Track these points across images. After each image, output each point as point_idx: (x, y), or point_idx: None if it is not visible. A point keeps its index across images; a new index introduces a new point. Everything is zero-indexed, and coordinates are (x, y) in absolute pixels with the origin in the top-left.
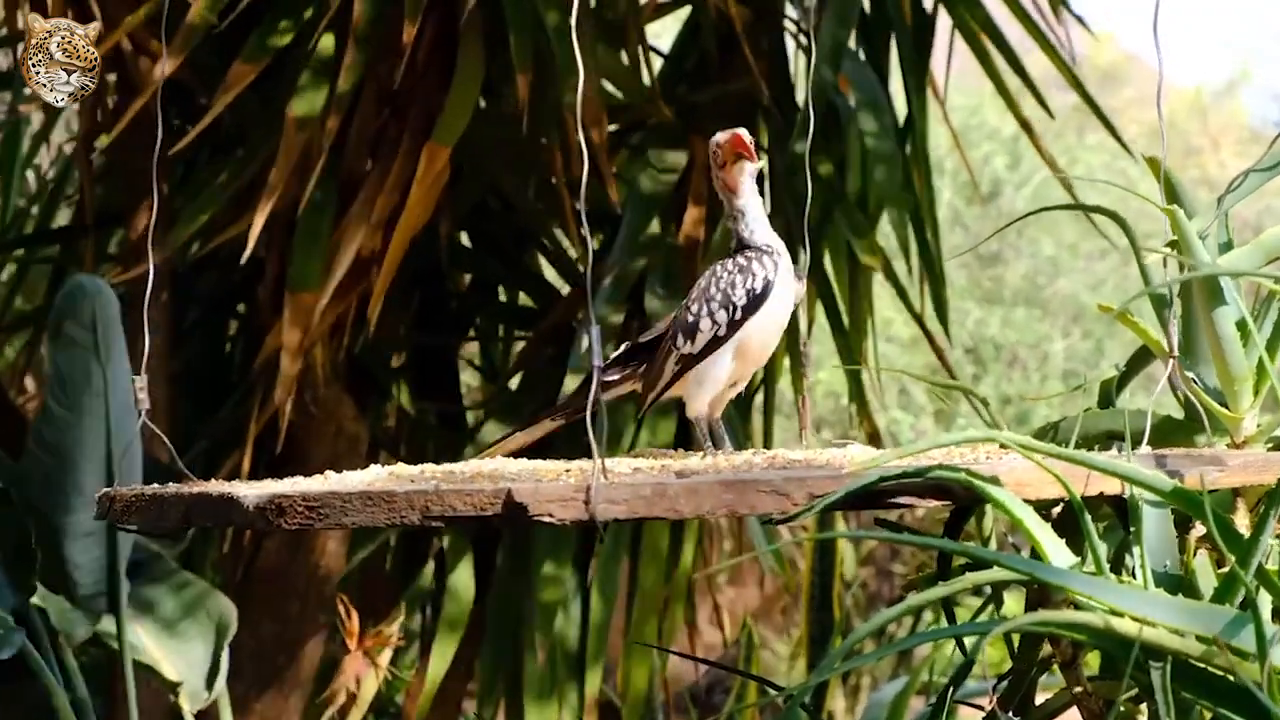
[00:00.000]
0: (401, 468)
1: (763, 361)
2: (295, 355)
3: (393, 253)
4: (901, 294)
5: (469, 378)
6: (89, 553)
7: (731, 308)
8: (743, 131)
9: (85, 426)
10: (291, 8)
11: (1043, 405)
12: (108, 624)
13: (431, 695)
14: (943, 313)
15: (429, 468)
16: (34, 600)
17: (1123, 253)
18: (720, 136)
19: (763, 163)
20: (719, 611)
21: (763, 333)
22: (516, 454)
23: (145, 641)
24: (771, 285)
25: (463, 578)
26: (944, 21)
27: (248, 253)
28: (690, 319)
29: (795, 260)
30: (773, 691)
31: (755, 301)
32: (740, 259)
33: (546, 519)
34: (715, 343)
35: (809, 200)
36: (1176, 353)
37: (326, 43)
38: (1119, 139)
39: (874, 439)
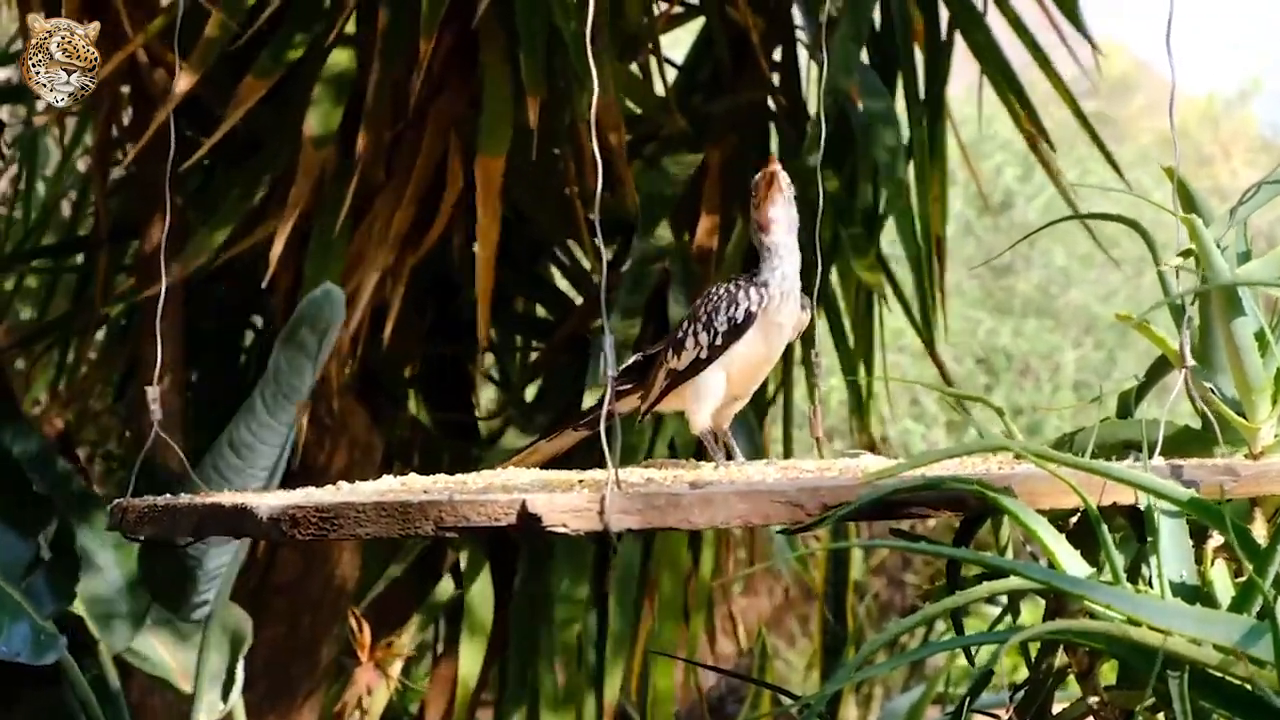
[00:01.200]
0: (414, 478)
1: (752, 386)
2: None
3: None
4: (906, 308)
5: (484, 388)
6: (218, 559)
7: (712, 331)
8: (775, 168)
9: (276, 430)
10: (305, 21)
11: (1054, 416)
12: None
13: (466, 702)
14: (928, 324)
15: (442, 478)
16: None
17: (1135, 263)
18: (759, 176)
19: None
20: (732, 621)
21: (745, 360)
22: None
23: (160, 652)
24: (753, 316)
25: (483, 586)
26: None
27: (268, 276)
28: (680, 336)
29: (807, 280)
30: (787, 701)
31: (734, 330)
32: (733, 285)
33: (560, 530)
34: (698, 363)
35: (820, 212)
36: (1190, 362)
37: (340, 56)
38: (1113, 163)
39: (872, 449)
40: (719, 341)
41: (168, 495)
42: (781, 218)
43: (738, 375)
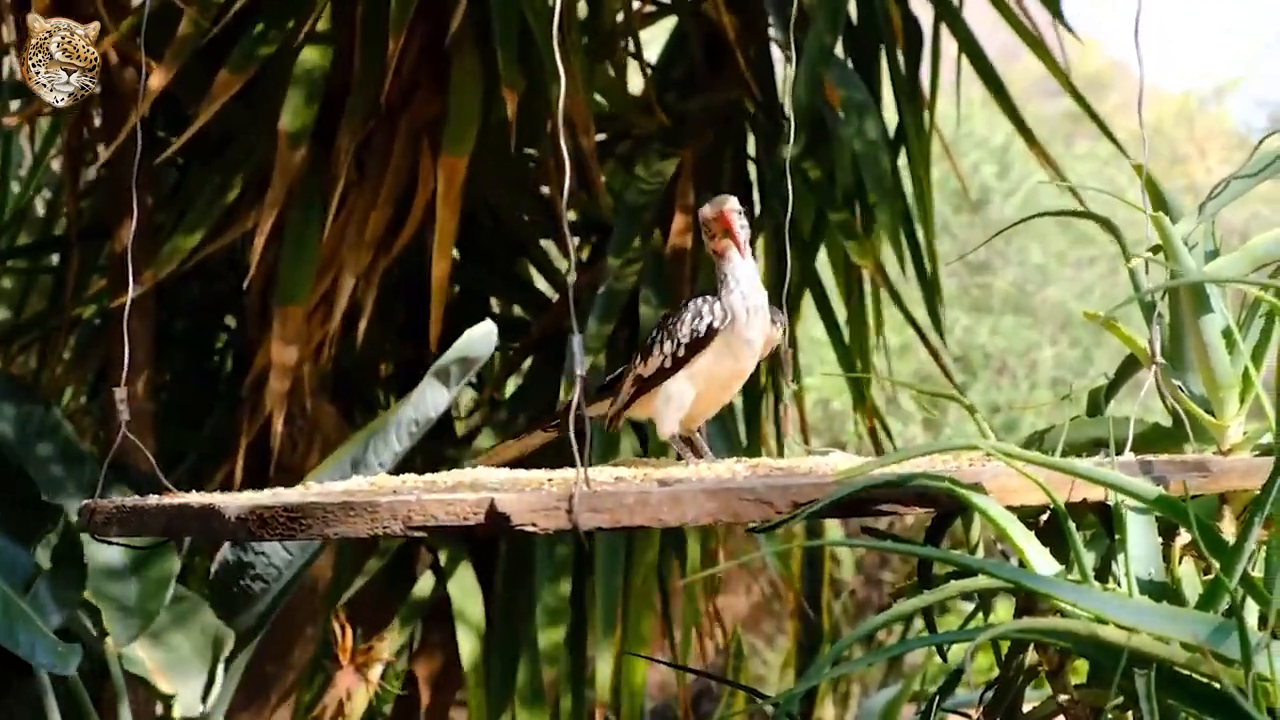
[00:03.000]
0: (384, 477)
1: (722, 399)
2: (285, 373)
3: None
4: (896, 299)
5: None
6: (287, 574)
7: (676, 343)
8: (729, 210)
9: (396, 454)
10: (277, 16)
11: (1031, 413)
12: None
13: (480, 697)
14: (936, 320)
15: (411, 477)
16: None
17: (1111, 260)
18: (708, 211)
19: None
20: (715, 618)
21: (710, 373)
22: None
23: (138, 654)
24: (715, 331)
25: (466, 581)
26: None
27: (247, 279)
28: (649, 343)
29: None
30: (759, 700)
31: (696, 343)
32: (700, 300)
33: (529, 528)
34: (662, 373)
35: (791, 207)
36: (1160, 359)
37: (311, 53)
38: (1113, 139)
39: (874, 437)
40: (681, 353)
41: (135, 496)
42: (734, 247)
43: (705, 388)
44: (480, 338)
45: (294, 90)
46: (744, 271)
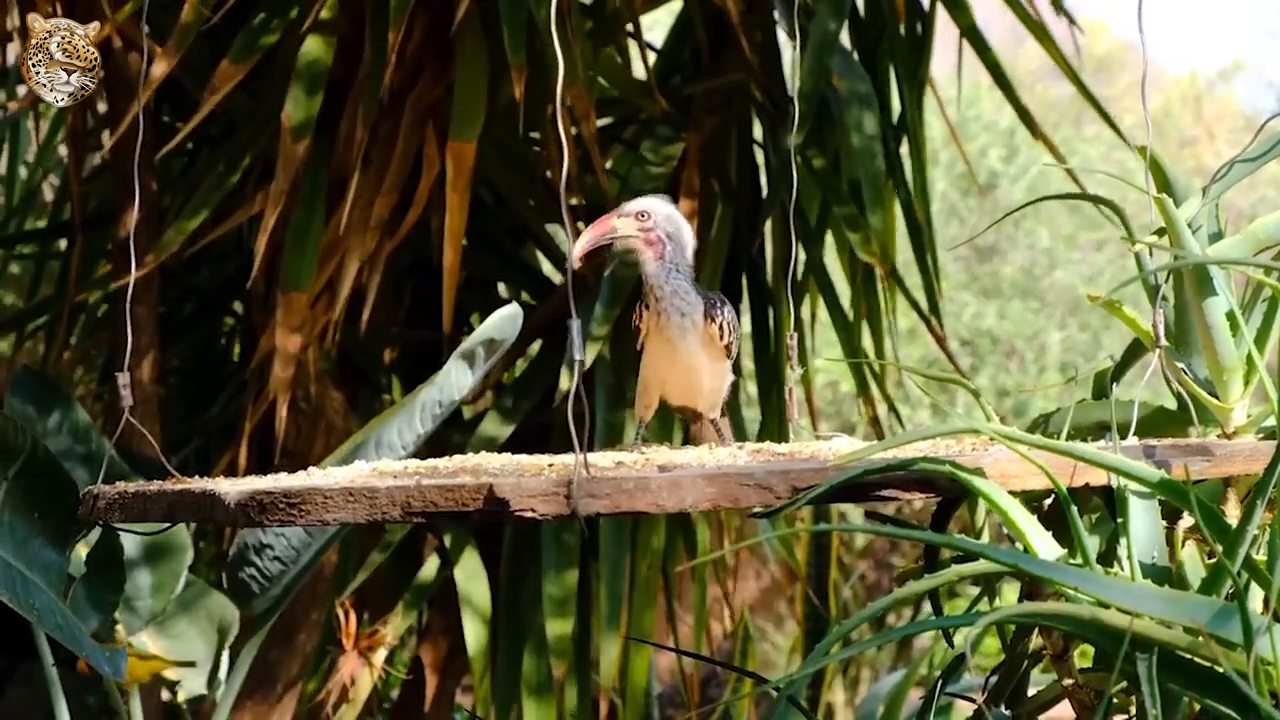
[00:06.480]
0: (385, 463)
1: (689, 388)
2: (289, 359)
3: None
4: (901, 286)
5: None
6: (303, 559)
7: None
8: (620, 212)
9: (420, 435)
10: (279, 6)
11: (1040, 397)
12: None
13: (486, 683)
14: (935, 305)
15: (412, 463)
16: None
17: (1120, 244)
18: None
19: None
20: (727, 601)
21: (656, 365)
22: (502, 448)
23: (144, 640)
24: (638, 330)
25: (472, 567)
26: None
27: (254, 275)
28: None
29: (788, 263)
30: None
31: (636, 336)
32: (639, 303)
33: (528, 514)
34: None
35: (794, 194)
36: (1163, 342)
37: (313, 44)
38: (1113, 126)
39: (876, 424)
40: (637, 345)
41: (139, 481)
42: (647, 251)
43: (664, 376)
44: (507, 319)
45: (297, 81)
46: (657, 274)
